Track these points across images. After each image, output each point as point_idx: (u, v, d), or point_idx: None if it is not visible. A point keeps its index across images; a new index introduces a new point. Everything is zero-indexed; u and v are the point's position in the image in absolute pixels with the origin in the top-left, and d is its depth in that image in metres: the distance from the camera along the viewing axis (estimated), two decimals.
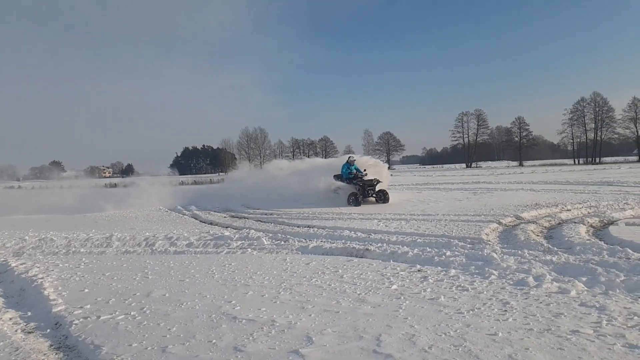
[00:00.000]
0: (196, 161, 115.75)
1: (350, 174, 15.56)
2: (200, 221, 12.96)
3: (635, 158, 75.12)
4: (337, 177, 15.96)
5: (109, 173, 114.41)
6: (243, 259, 6.69)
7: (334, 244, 7.56)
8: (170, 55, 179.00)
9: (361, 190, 14.90)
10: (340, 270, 5.58)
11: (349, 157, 16.26)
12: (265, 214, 13.33)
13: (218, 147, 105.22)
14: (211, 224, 12.18)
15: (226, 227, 10.99)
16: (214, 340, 3.41)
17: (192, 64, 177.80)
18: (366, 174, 15.61)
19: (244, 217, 13.18)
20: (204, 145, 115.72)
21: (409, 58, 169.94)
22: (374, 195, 15.15)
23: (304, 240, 8.08)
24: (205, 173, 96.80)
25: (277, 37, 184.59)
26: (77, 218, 14.80)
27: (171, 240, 8.53)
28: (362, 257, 6.56)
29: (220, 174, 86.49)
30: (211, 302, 4.52)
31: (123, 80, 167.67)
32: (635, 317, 3.46)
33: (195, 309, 4.30)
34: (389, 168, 22.73)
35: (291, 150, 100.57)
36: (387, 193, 15.18)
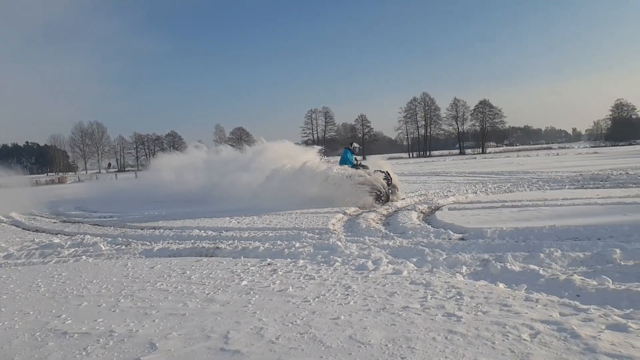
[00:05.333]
0: (18, 160, 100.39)
1: (355, 166, 12.55)
2: (23, 229, 11.26)
3: (457, 151, 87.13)
4: None
5: None
6: (76, 268, 5.99)
7: (182, 245, 7.23)
8: None
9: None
10: (188, 272, 5.34)
11: (352, 144, 13.26)
12: (104, 217, 12.17)
13: (46, 144, 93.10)
14: (37, 231, 10.65)
15: (56, 234, 9.73)
16: None
17: (10, 48, 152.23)
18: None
19: (78, 222, 11.84)
20: (27, 142, 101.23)
21: (257, 54, 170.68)
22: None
23: (148, 243, 7.56)
24: (31, 173, 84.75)
25: (116, 24, 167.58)
26: None
27: None
28: (211, 256, 6.37)
29: (50, 173, 76.60)
30: (35, 318, 3.94)
31: None
32: (453, 290, 3.95)
33: (15, 328, 3.70)
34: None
35: (134, 146, 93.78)
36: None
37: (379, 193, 11.20)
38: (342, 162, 12.76)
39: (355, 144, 13.44)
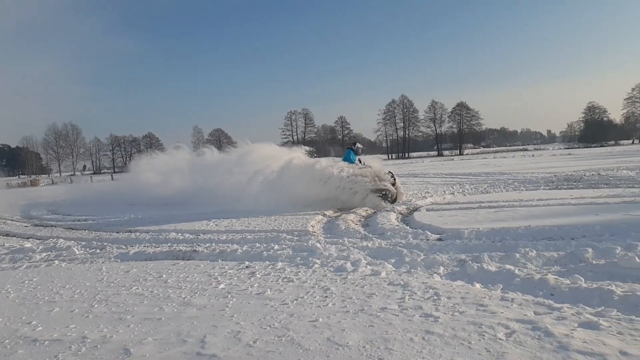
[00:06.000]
0: None
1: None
2: None
3: (435, 153, 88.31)
4: None
5: None
6: (48, 273, 5.83)
7: (159, 248, 7.12)
8: None
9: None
10: (164, 275, 5.25)
11: (356, 144, 12.81)
12: (79, 221, 11.89)
13: (17, 146, 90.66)
14: (7, 235, 10.34)
15: (27, 238, 9.46)
16: None
17: None
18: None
19: (51, 226, 11.52)
20: None
21: (236, 55, 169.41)
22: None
23: (124, 247, 7.42)
24: (1, 176, 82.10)
25: (91, 23, 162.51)
26: None
27: None
28: (189, 260, 6.28)
29: (22, 176, 74.53)
30: (4, 325, 3.81)
31: None
32: (430, 290, 3.98)
33: None
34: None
35: (110, 148, 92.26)
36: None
37: (387, 193, 10.75)
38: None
39: (358, 144, 13.03)
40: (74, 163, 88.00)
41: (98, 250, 7.22)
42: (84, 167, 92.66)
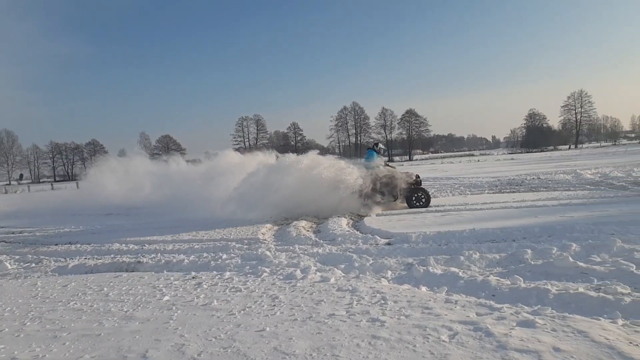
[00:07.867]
0: None
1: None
2: None
3: (386, 159, 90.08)
4: None
5: None
6: None
7: (101, 260, 6.80)
8: None
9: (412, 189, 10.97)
10: (105, 289, 5.01)
11: (377, 144, 12.32)
12: (13, 233, 11.17)
13: None
14: None
15: None
16: None
17: None
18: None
19: None
20: None
21: (183, 61, 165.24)
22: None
23: (62, 260, 7.04)
24: None
25: (28, 26, 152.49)
26: None
27: None
28: (132, 271, 6.05)
29: None
30: None
31: None
32: (378, 295, 4.02)
33: None
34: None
35: (51, 155, 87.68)
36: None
37: (420, 195, 10.81)
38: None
39: (380, 145, 12.63)
40: (10, 172, 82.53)
41: (33, 264, 6.81)
42: (21, 176, 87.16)
